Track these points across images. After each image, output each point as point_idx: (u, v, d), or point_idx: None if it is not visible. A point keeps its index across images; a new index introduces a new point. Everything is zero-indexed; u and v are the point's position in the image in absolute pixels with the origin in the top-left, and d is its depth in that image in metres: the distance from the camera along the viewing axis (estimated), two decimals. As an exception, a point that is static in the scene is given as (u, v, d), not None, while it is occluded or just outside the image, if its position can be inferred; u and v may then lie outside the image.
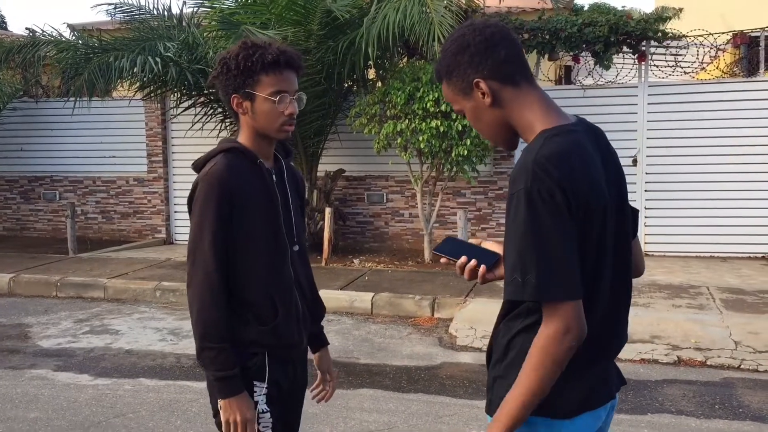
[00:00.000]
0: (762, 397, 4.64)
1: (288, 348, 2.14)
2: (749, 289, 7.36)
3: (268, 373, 2.09)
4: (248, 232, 2.04)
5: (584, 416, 1.70)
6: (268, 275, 2.08)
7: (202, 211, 2.00)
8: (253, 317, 2.06)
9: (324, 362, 2.42)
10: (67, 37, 9.52)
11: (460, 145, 8.13)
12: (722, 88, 9.32)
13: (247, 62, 2.01)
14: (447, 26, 7.38)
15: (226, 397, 1.99)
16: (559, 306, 1.54)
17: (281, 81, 2.04)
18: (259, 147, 2.11)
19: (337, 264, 9.00)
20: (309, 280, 2.29)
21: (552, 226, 1.53)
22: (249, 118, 2.07)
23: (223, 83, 2.07)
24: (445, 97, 1.80)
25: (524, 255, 1.53)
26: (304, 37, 8.49)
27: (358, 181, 10.51)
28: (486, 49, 1.66)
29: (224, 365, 1.98)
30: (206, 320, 1.98)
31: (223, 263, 2.01)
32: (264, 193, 2.08)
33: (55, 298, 7.90)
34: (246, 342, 2.06)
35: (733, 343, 5.59)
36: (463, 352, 5.73)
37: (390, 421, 4.30)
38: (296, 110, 2.08)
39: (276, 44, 2.07)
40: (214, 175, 2.01)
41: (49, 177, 11.96)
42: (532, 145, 1.63)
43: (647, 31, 9.13)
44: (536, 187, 1.52)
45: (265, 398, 2.09)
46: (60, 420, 4.32)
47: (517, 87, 1.68)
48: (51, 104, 11.77)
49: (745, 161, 9.15)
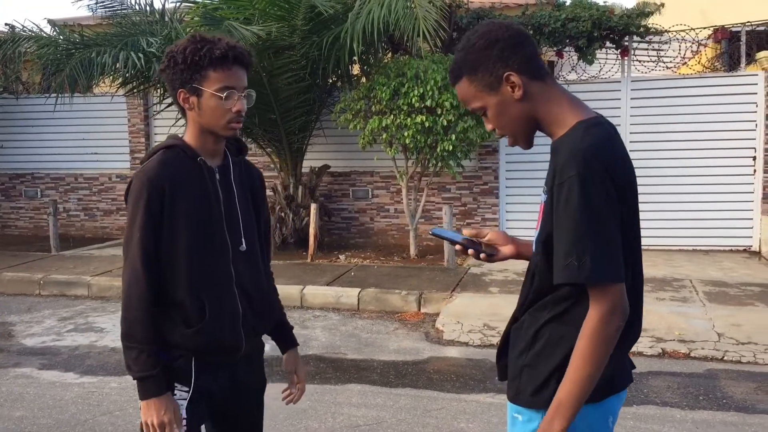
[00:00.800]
0: (745, 388, 4.70)
1: (219, 352, 2.05)
2: (731, 281, 7.45)
3: (194, 377, 2.02)
4: (180, 231, 1.98)
5: (611, 399, 1.75)
6: (200, 276, 2.00)
7: (132, 209, 1.96)
8: (180, 319, 1.99)
9: (290, 363, 2.34)
10: (47, 32, 9.39)
11: (445, 140, 8.14)
12: (704, 83, 9.41)
13: (195, 56, 1.96)
14: (431, 21, 7.38)
15: (145, 398, 1.94)
16: (609, 288, 1.59)
17: (229, 77, 1.98)
18: (204, 144, 2.05)
19: (323, 260, 8.99)
20: (256, 281, 2.15)
21: (604, 211, 1.58)
22: (195, 114, 2.02)
23: (170, 77, 2.01)
24: (462, 97, 1.80)
25: (580, 239, 1.58)
26: (288, 33, 8.45)
27: (344, 177, 10.50)
28: (516, 45, 1.72)
29: (145, 366, 1.92)
30: (129, 319, 1.94)
31: (151, 262, 1.95)
32: (201, 191, 2.01)
33: (38, 296, 7.83)
34: (170, 343, 2.00)
35: (716, 335, 5.65)
36: (449, 346, 5.75)
37: (378, 415, 4.31)
38: (244, 108, 2.02)
39: (225, 39, 2.01)
40: (147, 172, 1.96)
41: (31, 174, 11.84)
42: (572, 136, 1.67)
43: (630, 27, 9.20)
44: (589, 174, 1.58)
45: (185, 403, 2.01)
46: (46, 418, 4.29)
47: (543, 82, 1.74)
48: (32, 101, 11.65)
49: (726, 155, 9.26)
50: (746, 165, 9.25)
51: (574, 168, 1.59)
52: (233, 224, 2.07)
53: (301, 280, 7.68)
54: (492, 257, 1.97)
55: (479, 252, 1.95)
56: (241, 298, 2.07)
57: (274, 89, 8.83)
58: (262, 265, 2.21)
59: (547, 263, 1.70)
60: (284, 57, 8.57)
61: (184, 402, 2.01)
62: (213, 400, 2.09)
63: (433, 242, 9.98)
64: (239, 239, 2.08)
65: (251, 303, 2.11)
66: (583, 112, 1.73)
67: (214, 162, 2.08)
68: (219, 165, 2.09)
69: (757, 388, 4.70)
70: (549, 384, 1.71)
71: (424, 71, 8.08)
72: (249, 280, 2.11)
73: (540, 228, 1.75)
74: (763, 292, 6.96)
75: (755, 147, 9.20)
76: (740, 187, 9.28)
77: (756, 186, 9.23)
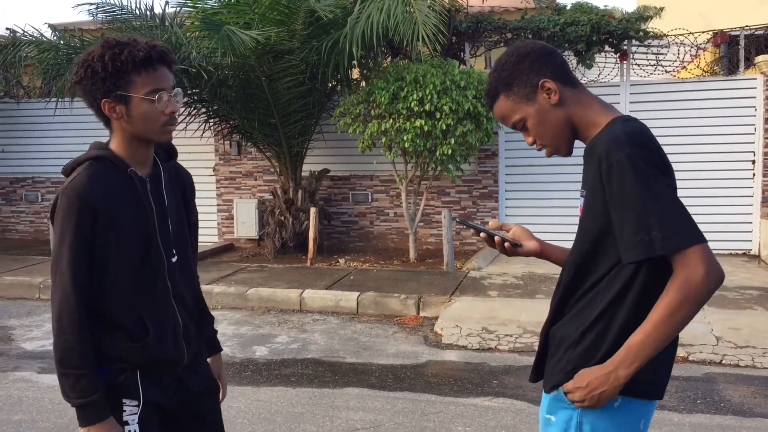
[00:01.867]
0: (743, 392, 4.70)
1: (163, 366, 1.98)
2: (730, 285, 7.45)
3: (141, 391, 1.95)
4: (114, 247, 1.88)
5: (640, 409, 1.77)
6: (136, 292, 1.92)
7: (62, 228, 1.84)
8: (121, 334, 1.91)
9: (213, 368, 2.27)
10: (48, 37, 9.42)
11: (444, 144, 8.16)
12: (703, 87, 9.42)
13: (116, 62, 1.83)
14: (431, 26, 7.40)
15: (86, 425, 1.85)
16: (689, 252, 1.59)
17: (156, 78, 1.87)
18: (134, 153, 1.94)
19: (322, 264, 9.00)
20: (193, 291, 2.10)
21: (661, 183, 1.62)
22: (124, 123, 1.89)
23: (89, 88, 1.87)
24: (501, 114, 1.85)
25: (643, 215, 1.60)
26: (287, 37, 8.48)
27: (343, 181, 10.51)
28: (545, 55, 1.81)
29: (84, 392, 1.83)
30: (62, 345, 1.84)
31: (83, 282, 1.85)
32: (134, 204, 1.92)
33: (38, 300, 7.84)
34: (113, 357, 1.91)
35: (715, 338, 5.66)
36: (448, 350, 5.75)
37: (376, 419, 4.32)
38: (177, 108, 1.92)
39: (143, 39, 1.90)
40: (75, 188, 1.84)
41: (31, 178, 11.87)
42: (610, 128, 1.72)
43: (629, 31, 9.22)
44: (636, 152, 1.62)
45: (136, 417, 1.94)
46: (44, 422, 4.30)
47: (575, 88, 1.83)
48: (32, 105, 11.69)
49: (726, 159, 9.27)
50: (745, 169, 9.26)
51: (620, 151, 1.63)
52: (165, 235, 1.99)
53: (300, 283, 7.69)
54: (516, 248, 1.98)
55: (504, 240, 1.97)
56: (179, 309, 2.01)
57: (274, 93, 8.86)
58: (195, 273, 2.16)
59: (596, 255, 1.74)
60: (284, 61, 8.60)
61: (134, 416, 1.94)
62: (164, 411, 2.03)
63: (433, 246, 9.99)
64: (171, 250, 2.01)
65: (189, 313, 2.07)
66: (615, 112, 1.80)
67: (144, 170, 1.97)
68: (149, 174, 1.99)
69: (755, 391, 4.70)
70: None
71: (423, 75, 8.10)
72: (185, 291, 2.06)
73: (580, 229, 1.80)
74: (762, 296, 6.96)
75: (754, 151, 9.21)
76: (739, 191, 9.29)
77: (755, 190, 9.24)
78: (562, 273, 1.88)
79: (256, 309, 7.26)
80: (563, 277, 1.86)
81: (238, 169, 10.94)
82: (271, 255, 9.62)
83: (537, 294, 7.20)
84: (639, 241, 1.61)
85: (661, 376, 1.78)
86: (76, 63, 1.91)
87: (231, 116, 9.67)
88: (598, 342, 1.73)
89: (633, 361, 1.63)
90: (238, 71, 8.89)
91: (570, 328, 1.80)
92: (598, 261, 1.75)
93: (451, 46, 9.92)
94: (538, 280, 7.83)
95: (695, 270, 1.58)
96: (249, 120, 9.36)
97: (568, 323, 1.82)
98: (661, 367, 1.76)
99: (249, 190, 10.90)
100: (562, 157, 1.92)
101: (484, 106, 8.24)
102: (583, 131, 1.82)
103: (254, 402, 4.57)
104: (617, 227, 1.66)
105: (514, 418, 4.29)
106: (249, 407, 4.47)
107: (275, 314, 7.07)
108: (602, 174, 1.67)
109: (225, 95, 9.13)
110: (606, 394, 1.67)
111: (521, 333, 5.97)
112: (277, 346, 5.95)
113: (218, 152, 10.96)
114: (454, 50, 10.04)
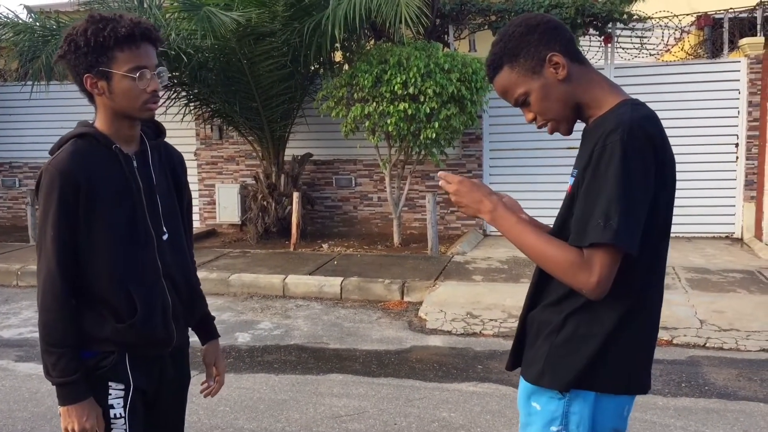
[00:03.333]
0: (727, 375, 4.70)
1: (151, 346, 1.97)
2: (714, 268, 7.47)
3: (130, 373, 1.94)
4: (99, 224, 1.87)
5: (623, 398, 1.75)
6: (125, 269, 1.90)
7: (45, 205, 1.84)
8: (109, 314, 1.90)
9: (210, 355, 2.26)
10: (23, 19, 9.23)
11: (428, 128, 8.09)
12: (687, 70, 9.42)
13: (98, 38, 1.82)
14: (414, 8, 7.30)
15: (65, 404, 1.86)
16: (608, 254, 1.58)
17: (139, 56, 1.86)
18: (118, 130, 1.93)
19: (305, 249, 8.93)
20: (183, 270, 2.07)
21: (641, 179, 1.59)
22: (106, 99, 1.89)
23: (72, 63, 1.87)
24: (503, 87, 1.78)
25: (612, 202, 1.57)
26: (269, 19, 8.34)
27: (326, 165, 10.42)
28: (554, 28, 1.74)
29: (64, 371, 1.83)
30: (46, 322, 1.85)
31: (68, 260, 1.85)
32: (119, 181, 1.90)
33: (15, 287, 7.71)
34: (99, 339, 1.90)
35: (699, 321, 5.66)
36: (432, 335, 5.71)
37: (360, 405, 4.27)
38: (159, 86, 1.91)
39: (128, 16, 1.88)
40: (58, 165, 1.83)
41: (8, 164, 11.66)
42: (618, 111, 1.67)
43: (613, 13, 9.18)
44: (632, 141, 1.58)
45: (122, 401, 1.93)
46: (22, 411, 4.21)
47: (582, 65, 1.76)
48: (8, 88, 11.46)
49: (709, 142, 9.28)
50: (729, 152, 9.28)
51: (618, 135, 1.59)
52: (154, 213, 1.97)
53: (283, 269, 7.62)
54: None
55: None
56: (169, 289, 1.99)
57: (255, 77, 8.73)
58: (188, 253, 2.13)
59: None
60: (265, 44, 8.47)
61: (120, 400, 1.93)
62: (145, 398, 2.01)
63: (417, 231, 9.94)
64: (161, 228, 1.99)
65: (179, 294, 2.04)
66: (623, 95, 1.74)
67: (131, 148, 1.96)
68: (136, 151, 1.97)
69: (739, 374, 4.71)
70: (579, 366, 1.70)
71: (407, 58, 8.01)
72: (176, 270, 2.03)
73: (563, 208, 1.75)
74: (744, 279, 6.98)
75: (737, 134, 9.23)
76: (723, 174, 9.32)
77: (738, 173, 9.27)
78: None
79: (239, 295, 7.18)
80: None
81: (219, 154, 10.80)
82: (254, 240, 9.52)
83: (521, 278, 7.18)
84: (595, 225, 1.58)
85: (636, 373, 1.76)
86: (64, 36, 1.89)
87: (212, 100, 9.53)
88: (585, 335, 1.70)
89: (500, 224, 1.74)
90: (219, 54, 8.75)
91: (550, 314, 1.76)
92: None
93: (435, 28, 9.82)
94: (522, 264, 7.80)
95: (593, 274, 1.59)
96: (230, 104, 9.23)
97: (548, 308, 1.78)
98: (634, 366, 1.74)
99: (231, 175, 10.77)
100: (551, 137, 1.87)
101: (468, 89, 8.17)
102: (586, 110, 1.76)
103: (236, 389, 4.51)
104: (581, 204, 1.63)
105: (500, 403, 4.26)
106: (231, 395, 4.40)
107: (258, 300, 7.00)
108: (594, 152, 1.62)
109: (205, 78, 8.98)
110: (467, 210, 1.79)
111: (506, 317, 5.94)
112: (259, 332, 5.89)
113: (199, 136, 10.82)
114: (437, 33, 9.94)
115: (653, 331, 1.78)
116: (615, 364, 1.69)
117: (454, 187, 1.79)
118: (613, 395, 1.72)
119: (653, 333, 1.78)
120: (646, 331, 1.75)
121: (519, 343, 1.89)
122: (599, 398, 1.71)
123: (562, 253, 1.63)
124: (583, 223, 1.61)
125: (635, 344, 1.72)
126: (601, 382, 1.70)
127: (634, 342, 1.71)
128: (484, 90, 8.48)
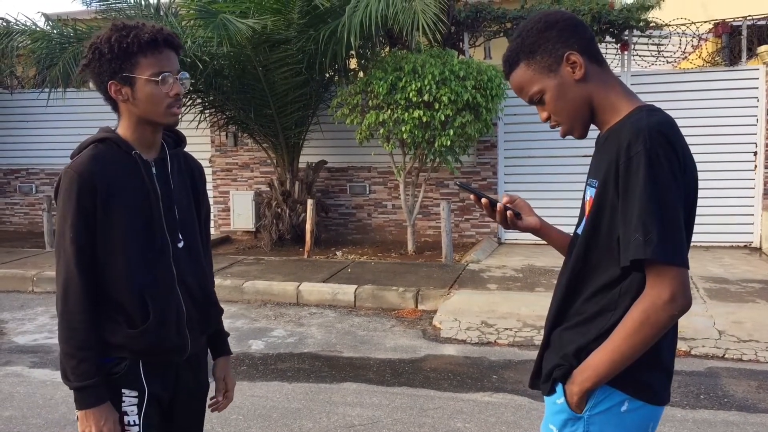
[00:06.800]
0: (746, 387, 4.62)
1: (165, 353, 1.96)
2: (732, 278, 7.38)
3: (144, 380, 1.93)
4: (116, 228, 1.88)
5: (647, 411, 1.68)
6: (141, 275, 1.90)
7: (64, 207, 1.86)
8: (123, 319, 1.89)
9: (220, 370, 2.23)
10: (41, 26, 9.32)
11: (443, 135, 8.06)
12: (704, 77, 9.33)
13: (122, 44, 1.85)
14: (430, 15, 7.28)
15: (82, 408, 1.85)
16: (668, 270, 1.53)
17: (162, 61, 1.89)
18: (140, 136, 1.95)
19: (319, 256, 8.91)
20: (199, 278, 2.06)
21: (672, 188, 1.53)
22: (130, 105, 1.91)
23: (97, 70, 1.90)
24: (518, 84, 1.73)
25: (645, 214, 1.52)
26: (284, 26, 8.37)
27: (341, 173, 10.42)
28: (574, 26, 1.69)
29: (85, 375, 1.83)
30: (67, 324, 1.84)
31: (86, 261, 1.86)
32: (137, 186, 1.92)
33: (31, 293, 7.75)
34: (113, 346, 1.90)
35: (717, 332, 5.58)
36: (447, 344, 5.67)
37: (374, 415, 4.23)
38: (182, 90, 1.93)
39: (150, 23, 1.92)
40: (77, 168, 1.85)
41: (25, 170, 11.76)
42: (635, 118, 1.62)
43: (629, 20, 9.12)
44: (656, 149, 1.53)
45: (136, 408, 1.92)
46: (36, 418, 4.21)
47: (600, 66, 1.71)
48: (26, 95, 11.57)
49: (727, 150, 9.19)
50: (747, 160, 9.18)
51: (641, 144, 1.53)
52: (171, 220, 1.98)
53: (297, 276, 7.60)
54: (518, 219, 1.87)
55: (507, 209, 1.86)
56: (184, 297, 1.99)
57: (270, 84, 8.75)
58: (204, 262, 2.12)
59: (604, 250, 1.65)
60: (280, 51, 8.48)
61: (134, 407, 1.92)
62: (161, 405, 1.99)
63: (431, 238, 9.90)
64: (178, 236, 1.99)
65: (195, 302, 2.03)
66: (639, 101, 1.70)
67: (151, 155, 1.98)
68: (155, 158, 1.99)
69: (759, 386, 4.63)
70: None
71: (422, 65, 7.99)
72: (192, 278, 2.02)
73: (589, 222, 1.68)
74: (764, 289, 6.88)
75: (756, 142, 9.12)
76: (741, 183, 9.21)
77: (757, 181, 9.17)
78: (566, 265, 1.77)
79: (252, 302, 7.17)
80: (567, 271, 1.75)
81: (234, 161, 10.83)
82: (268, 247, 9.53)
83: (537, 287, 7.12)
84: (633, 240, 1.52)
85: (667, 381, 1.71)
86: (87, 47, 1.92)
87: (227, 107, 9.56)
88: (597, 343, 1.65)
89: (589, 380, 1.61)
90: (234, 61, 8.78)
91: (579, 336, 1.69)
92: (608, 257, 1.64)
93: (450, 35, 9.80)
94: (537, 272, 7.74)
95: (663, 291, 1.53)
96: (245, 111, 9.25)
97: (575, 329, 1.71)
98: (667, 371, 1.70)
99: (245, 182, 10.80)
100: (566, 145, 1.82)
101: (483, 96, 8.14)
102: (601, 114, 1.70)
103: (250, 397, 4.48)
104: (621, 223, 1.58)
105: (515, 414, 4.21)
106: (244, 403, 4.38)
107: (271, 307, 6.98)
108: (619, 167, 1.57)
109: (221, 85, 9.02)
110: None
111: (521, 327, 5.88)
112: (273, 340, 5.87)
113: (214, 143, 10.86)
114: (453, 40, 9.92)
115: (674, 341, 1.73)
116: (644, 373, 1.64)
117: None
118: (638, 408, 1.65)
119: (674, 343, 1.73)
120: (668, 338, 1.69)
121: (543, 360, 1.83)
122: (622, 414, 1.64)
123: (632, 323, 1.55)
124: (626, 242, 1.56)
125: (660, 354, 1.66)
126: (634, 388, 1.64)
127: (658, 352, 1.65)
128: (500, 97, 8.45)
